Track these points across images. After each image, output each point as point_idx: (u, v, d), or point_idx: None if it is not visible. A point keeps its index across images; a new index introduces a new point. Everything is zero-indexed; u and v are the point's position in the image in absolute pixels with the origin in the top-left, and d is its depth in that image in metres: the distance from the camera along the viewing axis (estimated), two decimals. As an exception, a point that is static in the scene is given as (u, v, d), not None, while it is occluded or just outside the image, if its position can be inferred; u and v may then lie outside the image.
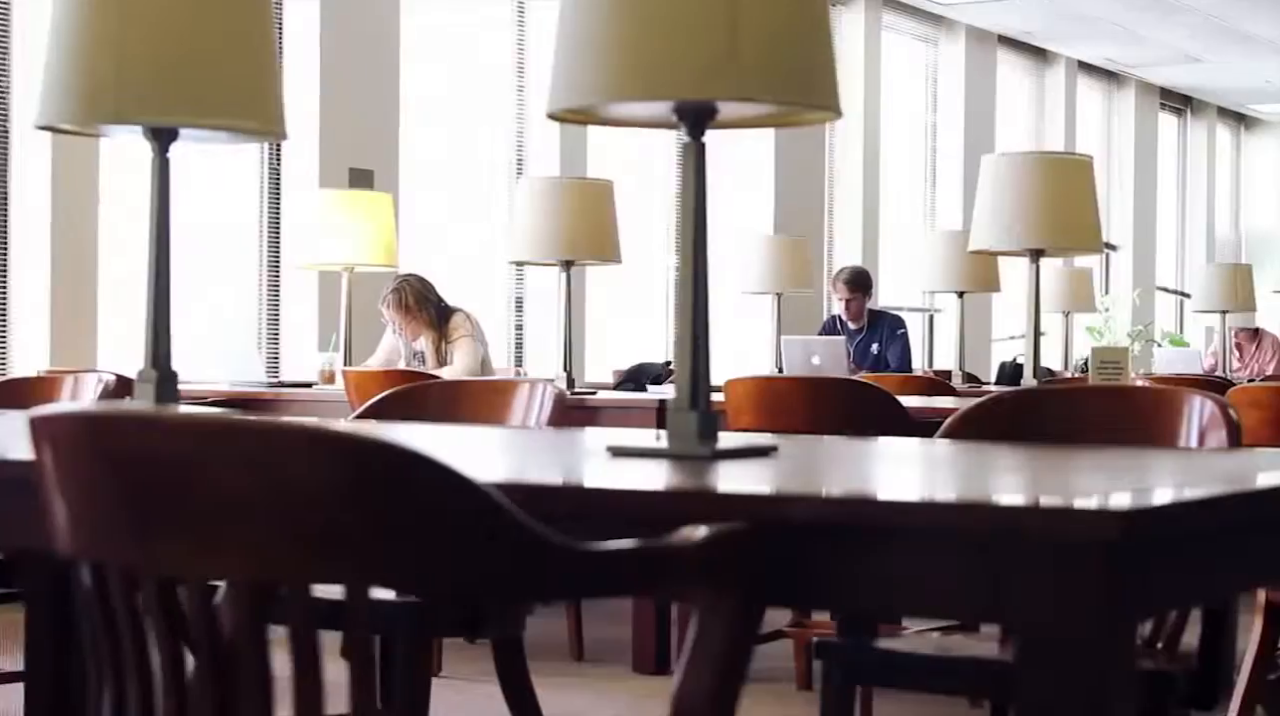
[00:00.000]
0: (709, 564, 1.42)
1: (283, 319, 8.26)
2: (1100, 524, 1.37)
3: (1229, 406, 2.68)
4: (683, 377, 2.11)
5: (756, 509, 1.51)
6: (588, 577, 1.36)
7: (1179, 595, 1.62)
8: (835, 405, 4.21)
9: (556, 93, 2.11)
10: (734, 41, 2.02)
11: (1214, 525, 1.55)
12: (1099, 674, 1.38)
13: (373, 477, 1.29)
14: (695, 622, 1.47)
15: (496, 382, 3.52)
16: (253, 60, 2.56)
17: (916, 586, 1.50)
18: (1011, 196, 4.80)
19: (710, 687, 1.44)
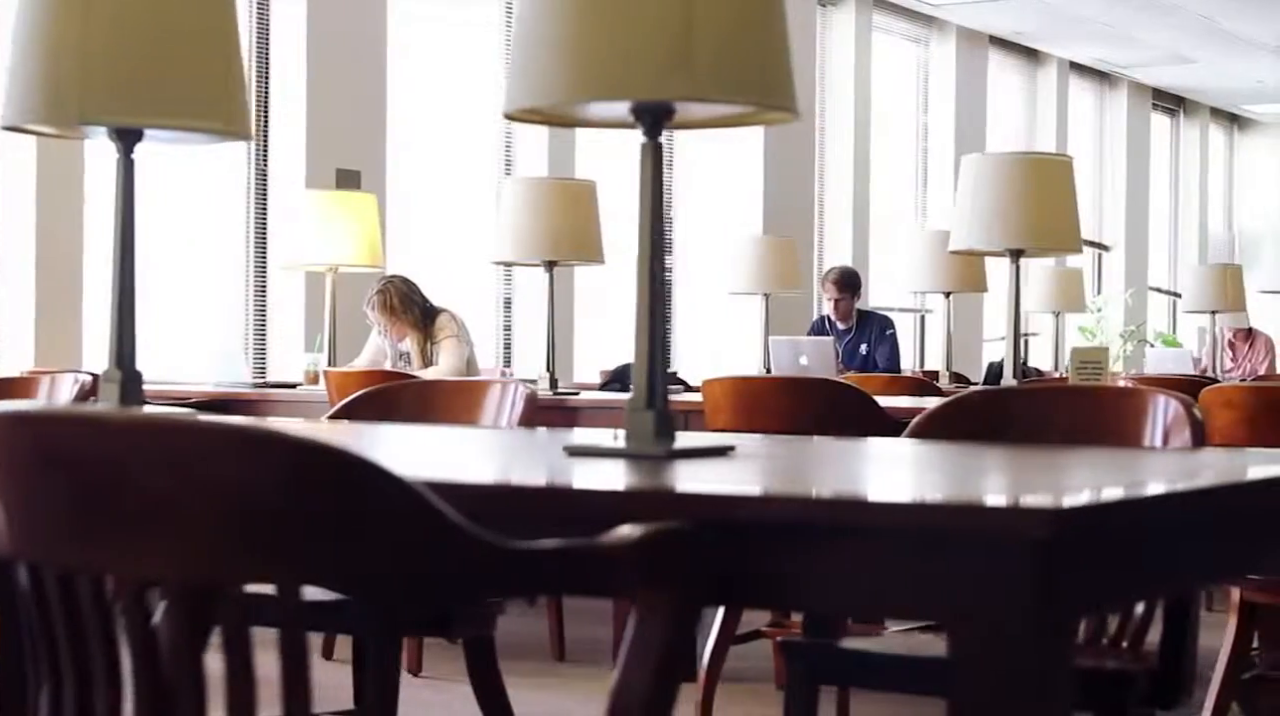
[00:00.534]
0: (644, 563, 1.43)
1: (269, 319, 8.26)
2: (1032, 522, 1.37)
3: (1194, 406, 2.68)
4: (640, 378, 2.11)
5: (695, 508, 1.52)
6: (520, 576, 1.37)
7: (1117, 592, 1.63)
8: (812, 405, 4.21)
9: (513, 93, 2.12)
10: (688, 42, 2.02)
11: (1154, 523, 1.56)
12: (1033, 671, 1.39)
13: (301, 477, 1.29)
14: (632, 621, 1.47)
15: (468, 383, 3.52)
16: (217, 60, 2.56)
17: (857, 585, 1.50)
18: (991, 197, 4.80)
19: (646, 687, 1.44)
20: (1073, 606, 1.46)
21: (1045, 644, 1.39)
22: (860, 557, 1.48)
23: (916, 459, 2.12)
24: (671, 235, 10.91)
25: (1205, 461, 2.15)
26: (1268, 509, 1.93)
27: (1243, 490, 1.81)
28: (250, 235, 8.19)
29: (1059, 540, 1.38)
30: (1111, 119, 16.17)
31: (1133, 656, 2.60)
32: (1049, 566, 1.39)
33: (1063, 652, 1.42)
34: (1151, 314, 16.83)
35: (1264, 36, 14.06)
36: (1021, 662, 1.39)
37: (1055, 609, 1.40)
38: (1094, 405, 2.78)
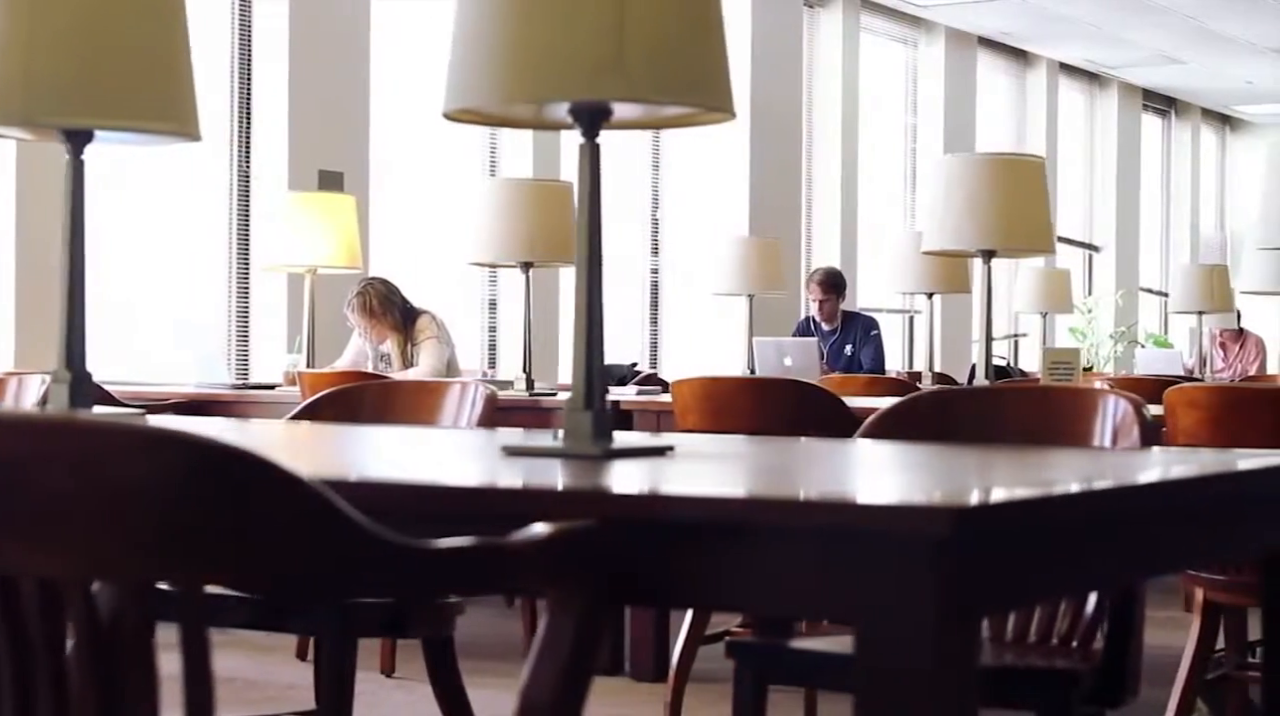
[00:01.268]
0: (552, 561, 1.43)
1: (252, 321, 8.27)
2: (933, 520, 1.38)
3: (1143, 407, 2.69)
4: (577, 379, 2.12)
5: (604, 507, 1.52)
6: (423, 575, 1.37)
7: (1028, 591, 1.63)
8: (780, 406, 4.22)
9: (450, 93, 2.13)
10: (621, 43, 2.03)
11: (1065, 522, 1.56)
12: (934, 669, 1.39)
13: (199, 477, 1.29)
14: (542, 619, 1.48)
15: (429, 384, 3.53)
16: (166, 61, 2.57)
17: (766, 584, 1.51)
18: (963, 197, 4.81)
19: (555, 685, 1.44)
20: (977, 605, 1.46)
21: (947, 642, 1.40)
22: (768, 556, 1.48)
23: (849, 459, 2.13)
24: (658, 236, 10.92)
25: (1143, 461, 2.16)
26: (1200, 507, 1.94)
27: (1168, 488, 1.82)
28: (233, 237, 8.19)
29: (961, 539, 1.38)
30: (1102, 120, 16.18)
31: (1082, 655, 2.61)
32: (951, 565, 1.40)
33: (966, 651, 1.43)
34: (1144, 315, 16.84)
35: (1252, 37, 14.07)
36: (923, 661, 1.39)
37: (958, 607, 1.41)
38: (1044, 406, 2.79)
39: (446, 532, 1.42)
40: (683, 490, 1.60)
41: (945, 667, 1.40)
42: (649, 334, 10.85)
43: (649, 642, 4.88)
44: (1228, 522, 2.05)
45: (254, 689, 4.81)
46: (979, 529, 1.41)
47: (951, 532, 1.37)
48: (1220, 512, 2.02)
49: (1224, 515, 2.03)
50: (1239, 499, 2.06)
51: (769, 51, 11.23)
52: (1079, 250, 16.21)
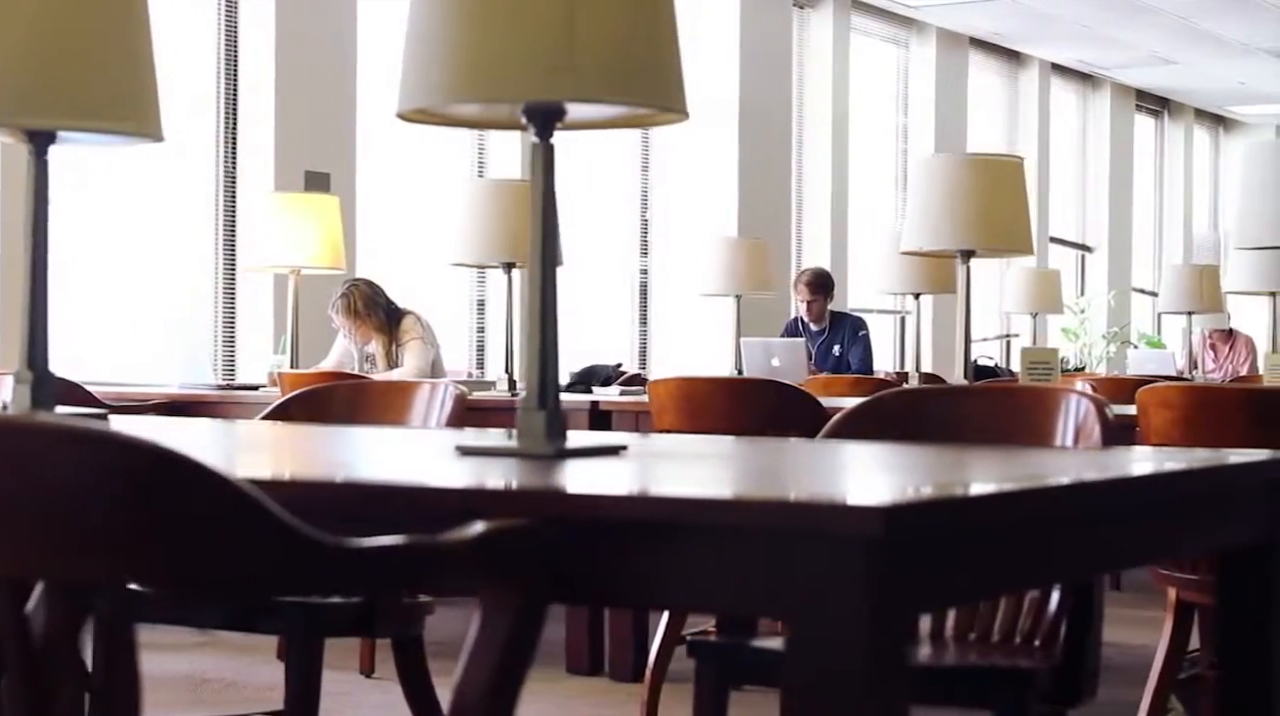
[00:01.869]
0: (485, 560, 1.44)
1: (238, 322, 8.27)
2: (864, 519, 1.39)
3: (1105, 407, 2.70)
4: (531, 378, 2.12)
5: (538, 505, 1.53)
6: (353, 573, 1.38)
7: (966, 589, 1.63)
8: (756, 406, 4.22)
9: (404, 93, 2.13)
10: (571, 43, 2.03)
11: (1003, 520, 1.57)
12: (865, 668, 1.39)
13: (127, 476, 1.30)
14: (476, 618, 1.48)
15: (399, 384, 3.53)
16: (129, 61, 2.58)
17: (703, 582, 1.51)
18: (941, 197, 4.81)
19: (488, 684, 1.45)
20: (911, 603, 1.46)
21: (878, 640, 1.40)
22: (704, 555, 1.49)
23: (803, 458, 2.13)
24: (647, 237, 10.92)
25: (1096, 460, 2.16)
26: (1151, 505, 1.95)
27: (1112, 487, 1.83)
28: (219, 237, 8.20)
29: (892, 537, 1.39)
30: (1094, 120, 16.19)
31: (1042, 654, 2.62)
32: (884, 563, 1.40)
33: (897, 649, 1.43)
34: (1137, 315, 16.84)
35: (1244, 38, 14.09)
36: (855, 659, 1.39)
37: (891, 605, 1.41)
38: (1008, 406, 2.79)
39: (384, 532, 1.43)
40: (619, 489, 1.61)
41: (877, 666, 1.40)
42: (638, 334, 10.86)
43: (628, 643, 4.88)
44: (1181, 521, 2.06)
45: (232, 689, 4.81)
46: (911, 527, 1.41)
47: (882, 531, 1.38)
48: (1173, 511, 2.02)
49: (1177, 513, 2.04)
50: (1192, 497, 2.06)
51: (758, 52, 11.24)
52: (1072, 251, 16.22)
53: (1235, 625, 2.22)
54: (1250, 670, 2.22)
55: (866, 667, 1.39)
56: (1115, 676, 5.10)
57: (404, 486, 1.65)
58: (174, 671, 5.07)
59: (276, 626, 3.07)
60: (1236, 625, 2.22)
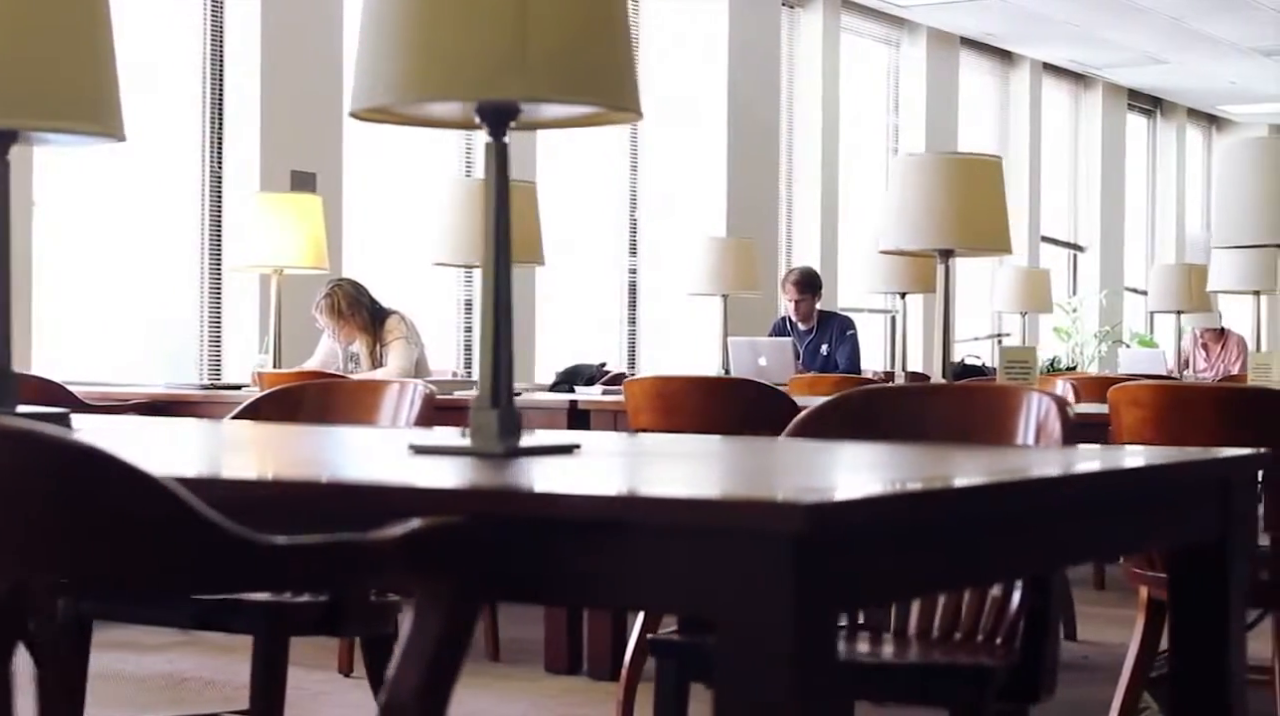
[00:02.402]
0: (415, 557, 1.44)
1: (224, 321, 8.28)
2: (787, 517, 1.39)
3: (1067, 405, 2.70)
4: (485, 377, 2.13)
5: (472, 503, 1.53)
6: (281, 571, 1.38)
7: (900, 586, 1.64)
8: (731, 405, 4.23)
9: (358, 91, 2.13)
10: (522, 42, 2.04)
11: (930, 518, 1.57)
12: (790, 665, 1.40)
13: (52, 473, 1.30)
14: (409, 615, 1.48)
15: (369, 383, 3.53)
16: (90, 61, 2.58)
17: (635, 579, 1.52)
18: (919, 196, 4.81)
19: (418, 681, 1.45)
20: (840, 600, 1.47)
21: (804, 637, 1.40)
22: (635, 553, 1.49)
23: (754, 457, 2.14)
24: (636, 236, 10.93)
25: (1046, 459, 2.17)
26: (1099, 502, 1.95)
27: (1055, 483, 1.83)
28: (205, 237, 8.20)
29: (816, 534, 1.39)
30: (1086, 120, 16.19)
31: (1005, 652, 2.62)
32: (810, 561, 1.40)
33: (824, 646, 1.43)
34: (1130, 315, 16.85)
35: (1234, 37, 14.09)
36: (779, 656, 1.40)
37: (816, 602, 1.42)
38: (970, 404, 2.80)
39: (321, 530, 1.43)
40: (554, 487, 1.61)
41: (803, 662, 1.40)
42: (627, 334, 10.86)
43: (606, 642, 4.89)
44: (1131, 518, 2.06)
45: (210, 688, 4.82)
46: (835, 525, 1.42)
47: (805, 528, 1.38)
48: (1122, 508, 2.03)
49: (1127, 510, 2.04)
50: (1142, 494, 2.07)
51: (747, 52, 11.25)
52: (1064, 250, 16.22)
53: (1189, 622, 2.23)
54: (1205, 667, 2.22)
55: (793, 664, 1.39)
56: (1094, 675, 5.12)
57: (339, 485, 1.65)
58: (153, 670, 5.07)
59: (243, 625, 3.07)
60: (1190, 622, 2.23)
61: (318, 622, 3.01)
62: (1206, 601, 2.21)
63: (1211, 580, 2.21)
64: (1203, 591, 2.22)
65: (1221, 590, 2.20)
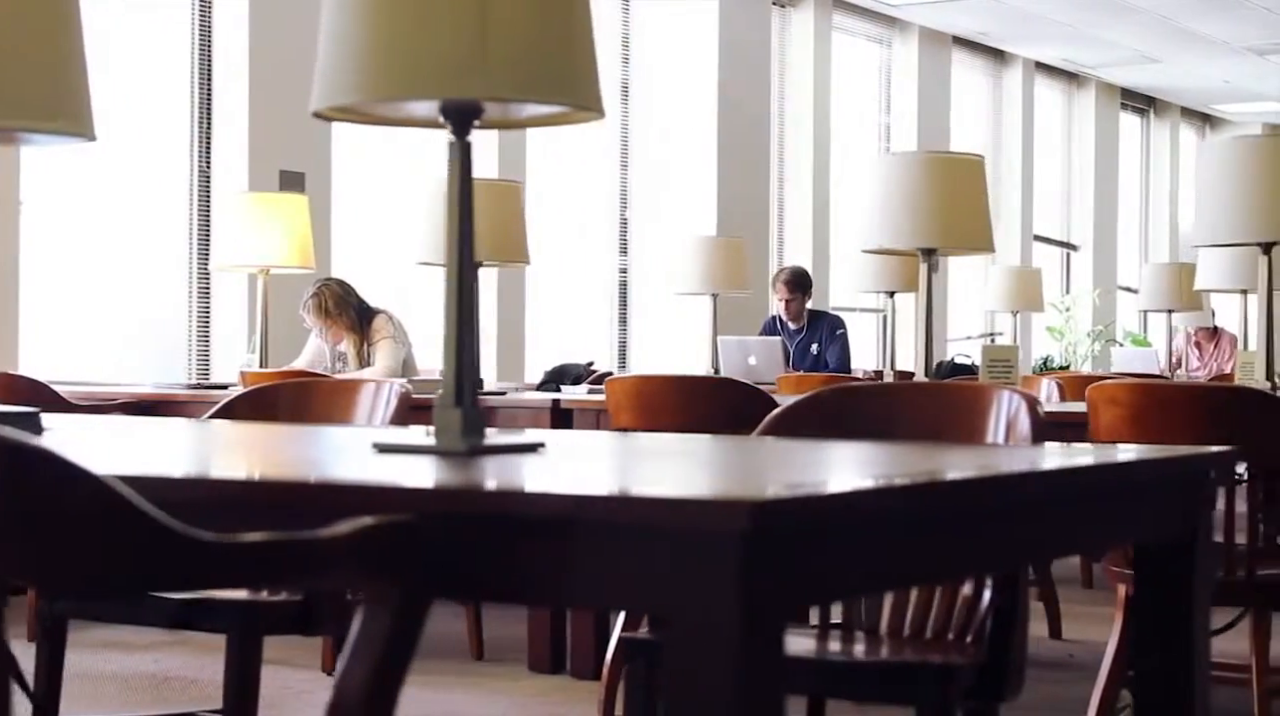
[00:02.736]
0: (363, 556, 1.44)
1: (213, 321, 8.28)
2: (732, 515, 1.39)
3: (1036, 403, 2.71)
4: (448, 375, 2.13)
5: (422, 502, 1.53)
6: (226, 569, 1.38)
7: (841, 585, 1.64)
8: (710, 403, 4.23)
9: (320, 91, 2.14)
10: (483, 42, 2.04)
11: (877, 515, 1.57)
12: (737, 662, 1.40)
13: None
14: (359, 614, 1.49)
15: (345, 382, 3.54)
16: (58, 61, 2.58)
17: (585, 578, 1.52)
18: (901, 195, 4.81)
19: (366, 680, 1.45)
20: (783, 597, 1.47)
21: (750, 634, 1.41)
22: (585, 552, 1.50)
23: (717, 456, 2.14)
24: (626, 236, 10.93)
25: (1008, 457, 2.17)
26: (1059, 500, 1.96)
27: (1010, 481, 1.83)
28: (194, 237, 8.20)
29: (761, 532, 1.39)
30: (1079, 119, 16.20)
31: (975, 650, 2.62)
32: (755, 558, 1.41)
33: (770, 643, 1.44)
34: (1123, 314, 16.85)
35: (1226, 37, 14.10)
36: (725, 654, 1.40)
37: (761, 599, 1.42)
38: (942, 403, 2.80)
39: (274, 529, 1.43)
40: (509, 486, 1.61)
41: (749, 660, 1.40)
42: (617, 333, 10.86)
43: (589, 641, 4.89)
44: (1093, 515, 2.06)
45: (194, 687, 4.82)
46: (780, 522, 1.42)
47: (750, 526, 1.38)
48: (1084, 505, 2.03)
49: (1088, 508, 2.04)
50: (1105, 492, 2.07)
51: (737, 51, 11.25)
52: (1057, 249, 16.23)
53: (1155, 618, 2.23)
54: (1170, 663, 2.23)
55: (738, 662, 1.40)
56: (1078, 672, 5.12)
57: (289, 483, 1.65)
58: (138, 670, 5.07)
59: (217, 625, 3.07)
60: (1156, 618, 2.23)
61: (291, 622, 3.02)
62: (1172, 598, 2.22)
63: (1178, 577, 2.21)
64: (1169, 588, 2.22)
65: (1187, 587, 2.21)
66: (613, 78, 10.75)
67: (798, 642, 2.73)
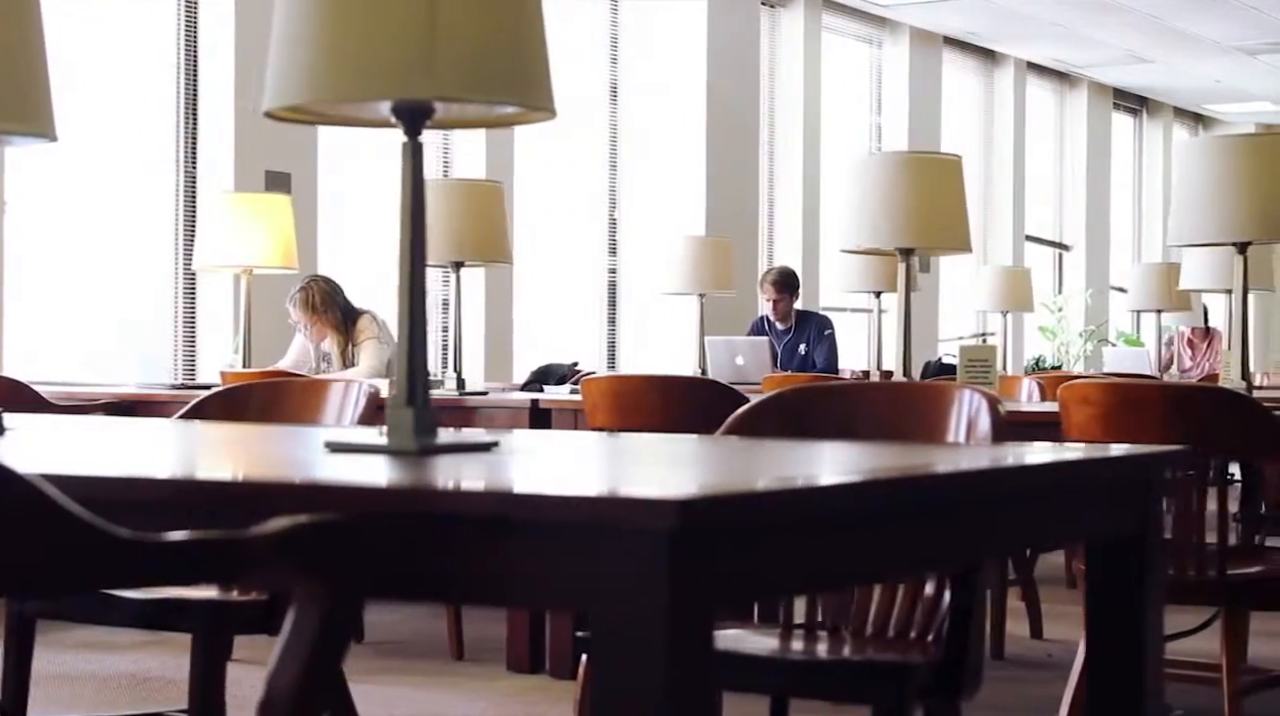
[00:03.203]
0: (289, 554, 1.44)
1: (199, 321, 8.28)
2: (659, 513, 1.40)
3: (997, 403, 2.71)
4: (401, 375, 2.13)
5: (352, 501, 1.54)
6: (150, 567, 1.38)
7: (773, 583, 1.64)
8: (685, 403, 4.24)
9: (271, 91, 2.14)
10: (432, 43, 2.04)
11: (814, 514, 1.58)
12: (664, 661, 1.40)
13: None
14: (290, 612, 1.49)
15: (314, 382, 3.54)
16: (19, 61, 2.58)
17: (516, 577, 1.52)
18: (879, 195, 4.82)
19: (294, 678, 1.46)
20: (711, 595, 1.47)
21: (677, 632, 1.41)
22: (517, 550, 1.50)
23: (664, 455, 2.14)
24: (615, 236, 10.93)
25: (956, 454, 2.17)
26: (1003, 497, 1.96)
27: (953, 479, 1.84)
28: (179, 237, 8.20)
29: (688, 530, 1.40)
30: (1071, 119, 16.20)
31: (938, 648, 2.63)
32: (681, 556, 1.41)
33: (697, 641, 1.44)
34: (1116, 314, 16.85)
35: (1216, 36, 14.11)
36: (652, 653, 1.40)
37: (689, 598, 1.42)
38: (903, 402, 2.81)
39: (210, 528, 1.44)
40: (449, 485, 1.62)
41: (675, 658, 1.41)
42: (606, 333, 10.87)
43: (567, 641, 4.89)
44: (1043, 514, 2.07)
45: (171, 687, 4.82)
46: (708, 521, 1.42)
47: (677, 524, 1.39)
48: (1035, 504, 2.04)
49: (1039, 506, 2.05)
50: (1054, 490, 2.08)
51: (726, 51, 11.25)
52: (1049, 249, 16.24)
53: (1105, 616, 2.24)
54: (1120, 661, 2.23)
55: (666, 660, 1.40)
56: (1057, 672, 5.12)
57: (222, 482, 1.66)
58: (117, 670, 5.08)
59: (183, 624, 3.08)
60: (1107, 616, 2.24)
61: (258, 622, 3.02)
62: (1124, 595, 2.22)
63: (1128, 574, 2.22)
64: (1119, 585, 2.22)
65: (1138, 584, 2.21)
66: (601, 78, 10.76)
67: (759, 641, 2.74)
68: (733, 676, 2.73)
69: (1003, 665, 5.37)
